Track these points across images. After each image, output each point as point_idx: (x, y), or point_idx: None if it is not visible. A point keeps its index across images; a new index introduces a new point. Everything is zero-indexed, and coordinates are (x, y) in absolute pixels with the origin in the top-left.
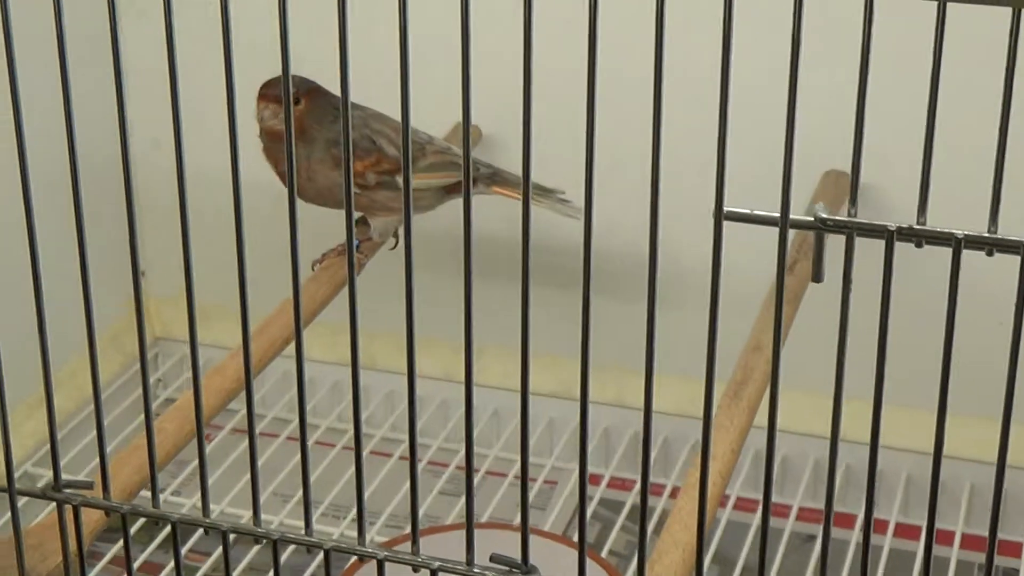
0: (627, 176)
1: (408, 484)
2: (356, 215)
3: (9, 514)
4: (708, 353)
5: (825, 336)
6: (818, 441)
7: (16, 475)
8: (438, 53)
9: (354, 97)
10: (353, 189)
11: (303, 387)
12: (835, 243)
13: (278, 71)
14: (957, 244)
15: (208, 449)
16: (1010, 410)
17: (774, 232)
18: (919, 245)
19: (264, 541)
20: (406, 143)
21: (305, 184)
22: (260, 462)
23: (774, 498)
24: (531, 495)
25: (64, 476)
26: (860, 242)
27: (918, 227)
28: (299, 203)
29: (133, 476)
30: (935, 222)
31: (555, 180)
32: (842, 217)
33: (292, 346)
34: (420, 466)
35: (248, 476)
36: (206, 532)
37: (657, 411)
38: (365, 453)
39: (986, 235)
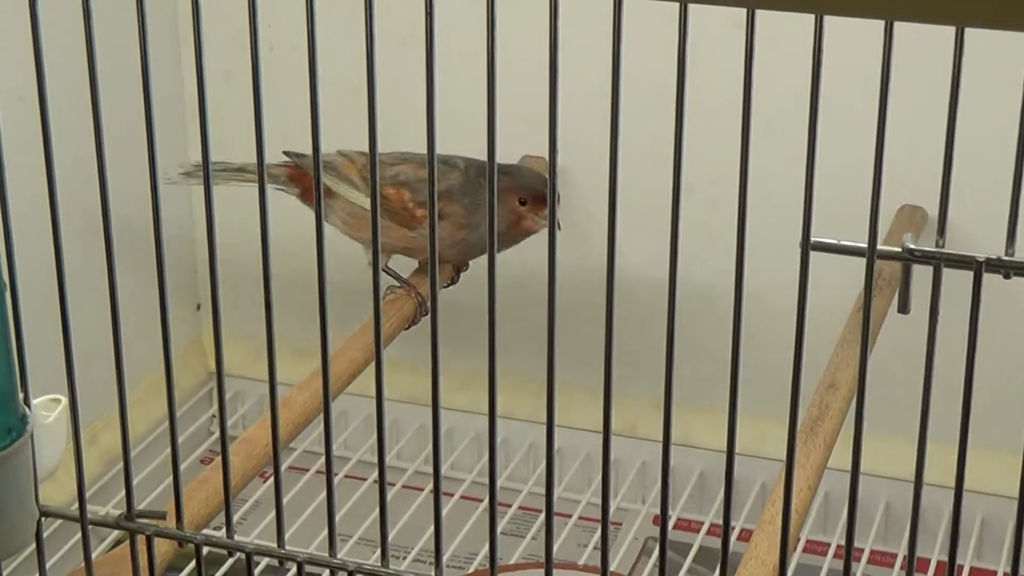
0: (690, 203)
1: (486, 525)
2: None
3: (74, 543)
4: (792, 388)
5: (900, 374)
6: (890, 483)
7: (72, 507)
8: (506, 79)
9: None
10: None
11: (383, 424)
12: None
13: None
14: None
15: (265, 487)
16: None
17: (839, 267)
18: (1007, 276)
19: (340, 574)
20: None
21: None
22: (316, 500)
23: (873, 546)
24: (593, 537)
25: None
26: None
27: (1007, 258)
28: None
29: (201, 509)
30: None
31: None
32: (930, 248)
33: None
34: (452, 500)
35: (306, 513)
36: (281, 563)
37: (724, 451)
38: (397, 487)
39: None
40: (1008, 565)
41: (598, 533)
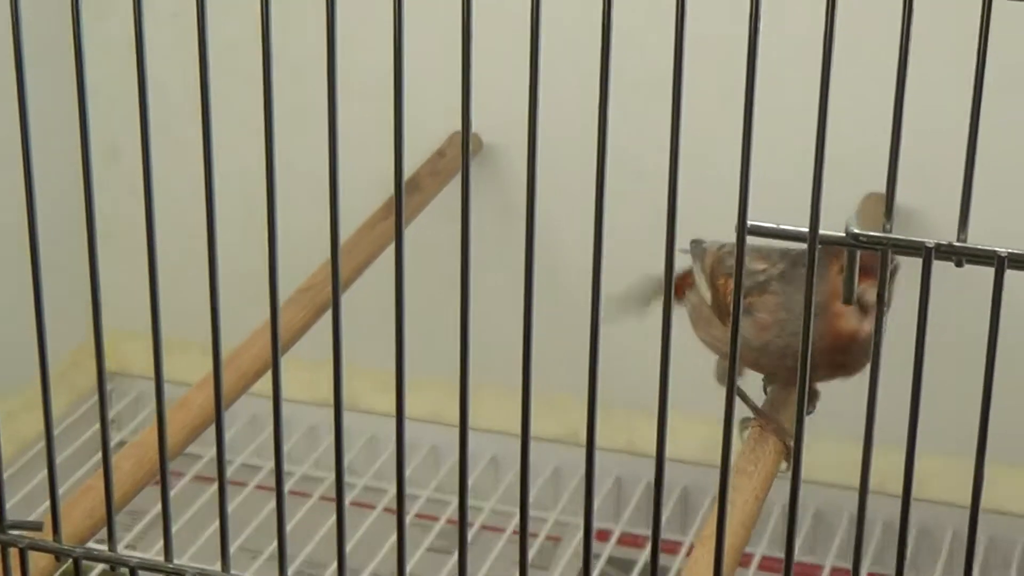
0: (645, 194)
1: (394, 538)
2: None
3: None
4: (728, 387)
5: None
6: (855, 494)
7: None
8: (436, 56)
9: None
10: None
11: (280, 427)
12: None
13: (250, 77)
14: (1000, 263)
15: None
16: None
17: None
18: (959, 264)
19: None
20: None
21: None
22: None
23: (804, 557)
24: (532, 552)
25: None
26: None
27: (958, 244)
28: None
29: (85, 520)
30: (978, 240)
31: (564, 196)
32: (876, 232)
33: (263, 384)
34: (407, 519)
35: (213, 527)
36: None
37: (673, 458)
38: (346, 504)
39: None
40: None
41: (534, 549)
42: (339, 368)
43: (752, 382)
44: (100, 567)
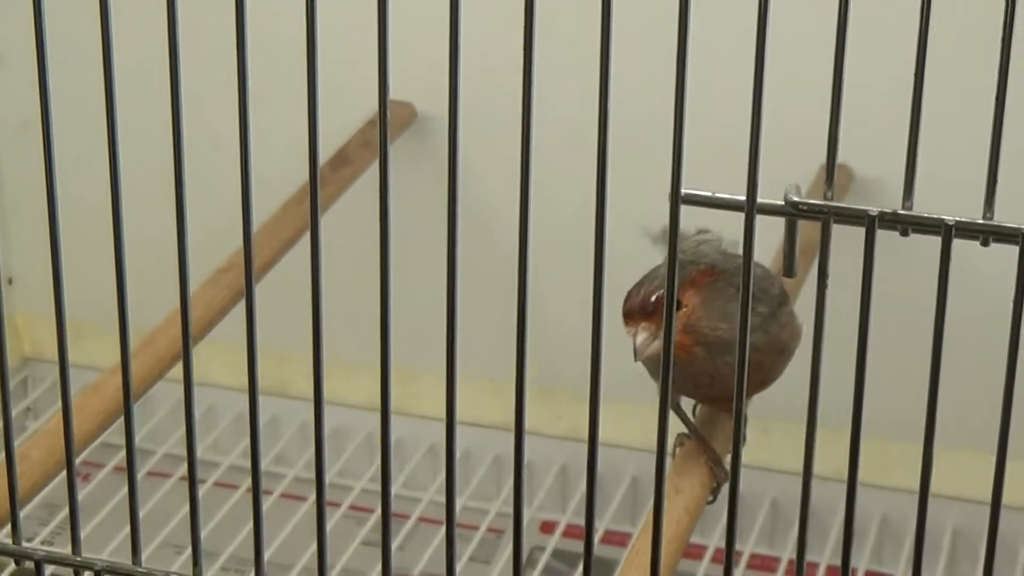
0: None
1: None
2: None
3: None
4: (663, 368)
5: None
6: (818, 483)
7: None
8: (370, 21)
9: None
10: None
11: (192, 415)
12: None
13: (162, 45)
14: (947, 232)
15: (84, 492)
16: (1006, 438)
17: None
18: (905, 233)
19: None
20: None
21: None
22: (147, 506)
23: (760, 549)
24: (472, 546)
25: None
26: (845, 237)
27: (903, 212)
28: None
29: None
30: (924, 208)
31: (497, 166)
32: (817, 200)
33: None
34: (340, 511)
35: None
36: (77, 573)
37: (621, 445)
38: (274, 496)
39: (980, 222)
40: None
41: (474, 542)
42: (253, 350)
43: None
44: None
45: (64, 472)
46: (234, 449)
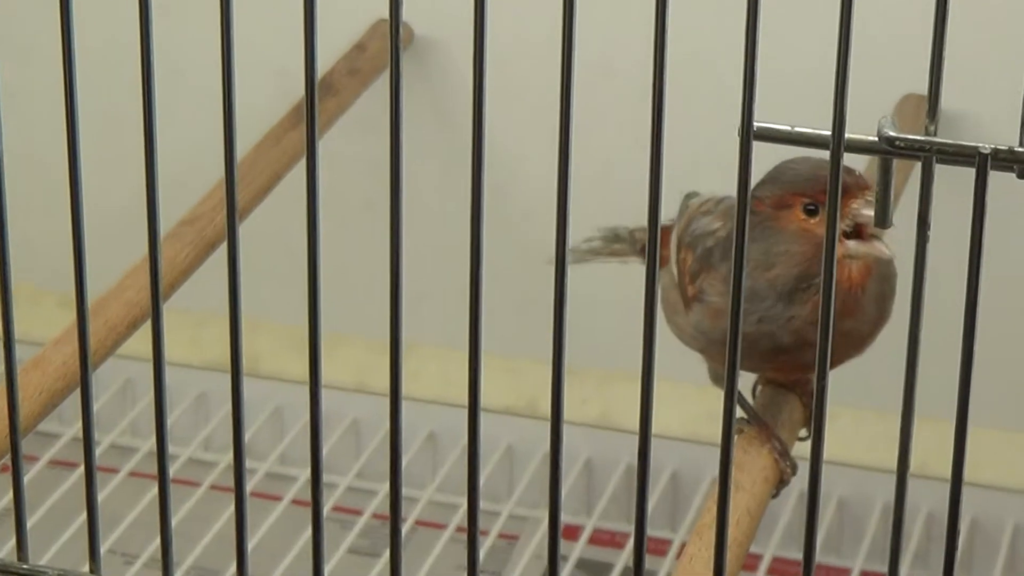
0: (623, 105)
1: (306, 536)
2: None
3: None
4: (730, 339)
5: (890, 327)
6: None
7: None
8: None
9: None
10: None
11: (163, 400)
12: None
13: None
14: None
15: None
16: None
17: None
18: (1021, 175)
19: None
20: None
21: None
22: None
23: (825, 558)
24: (482, 554)
25: None
26: (944, 177)
27: (1020, 149)
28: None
29: None
30: None
31: (514, 104)
32: (917, 136)
33: (138, 343)
34: (323, 512)
35: (80, 522)
36: None
37: (659, 435)
38: (246, 493)
39: None
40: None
41: (483, 551)
42: (237, 320)
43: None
44: None
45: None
46: (194, 439)
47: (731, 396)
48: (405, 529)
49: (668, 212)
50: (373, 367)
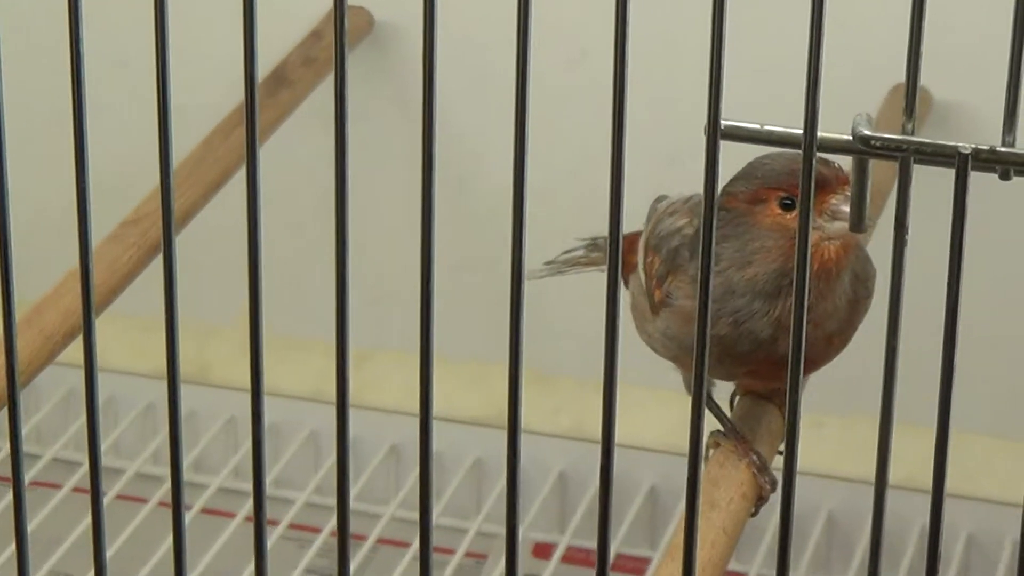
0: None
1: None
2: None
3: None
4: (698, 335)
5: (874, 331)
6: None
7: None
8: None
9: None
10: None
11: (96, 411)
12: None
13: None
14: None
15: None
16: None
17: None
18: (1005, 176)
19: None
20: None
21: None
22: (31, 526)
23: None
24: (447, 575)
25: None
26: (925, 179)
27: (1003, 150)
28: None
29: None
30: None
31: (476, 95)
32: (894, 135)
33: (77, 351)
34: (278, 530)
35: (9, 551)
36: None
37: (638, 446)
38: (194, 511)
39: None
40: None
41: (448, 571)
42: (173, 323)
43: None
44: None
45: None
46: (141, 452)
47: (699, 403)
48: (366, 548)
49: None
50: (333, 375)
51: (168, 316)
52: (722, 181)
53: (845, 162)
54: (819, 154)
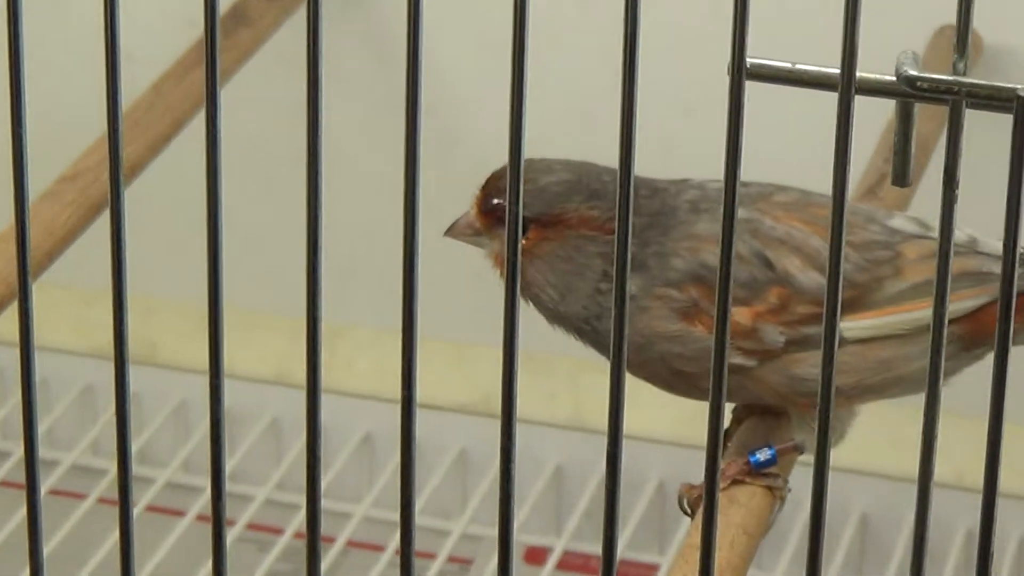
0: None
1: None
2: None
3: None
4: (717, 321)
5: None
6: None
7: None
8: None
9: None
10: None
11: (33, 395)
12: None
13: None
14: None
15: None
16: None
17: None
18: None
19: None
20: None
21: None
22: None
23: None
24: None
25: None
26: (977, 123)
27: None
28: None
29: None
30: None
31: (460, 25)
32: (944, 76)
33: (8, 324)
34: (235, 530)
35: None
36: None
37: (639, 436)
38: (138, 509)
39: None
40: None
41: None
42: (121, 294)
43: None
44: None
45: None
46: (79, 442)
47: (719, 376)
48: (335, 551)
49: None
50: (298, 354)
51: (116, 286)
52: (747, 129)
53: (887, 106)
54: None
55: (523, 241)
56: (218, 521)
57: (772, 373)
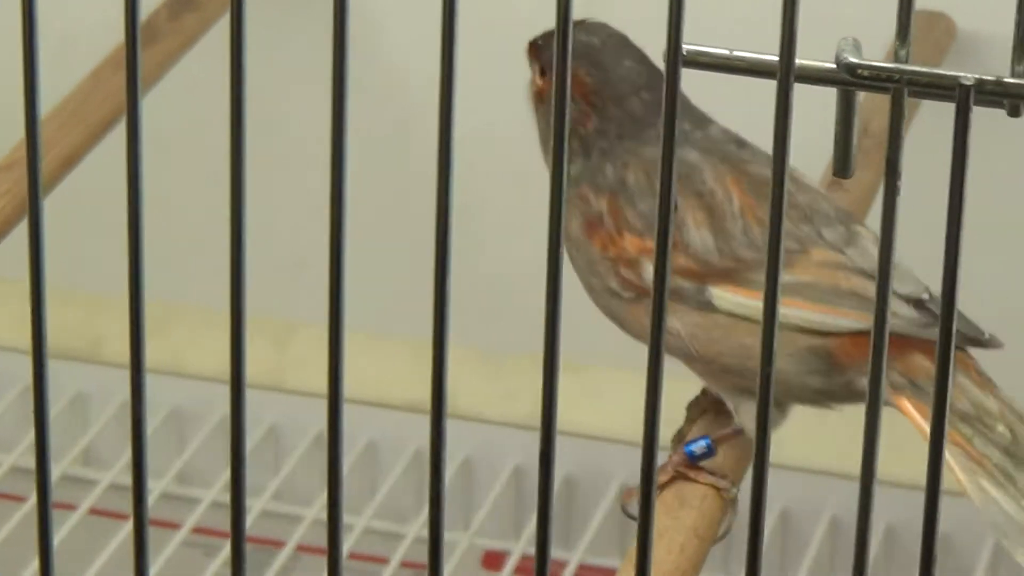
0: None
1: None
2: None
3: None
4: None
5: None
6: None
7: None
8: None
9: None
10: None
11: None
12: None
13: None
14: None
15: None
16: None
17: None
18: (1014, 112)
19: None
20: None
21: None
22: None
23: None
24: None
25: None
26: (928, 113)
27: (1012, 80)
28: None
29: None
30: None
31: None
32: (885, 63)
33: None
34: (179, 536)
35: None
36: None
37: (601, 436)
38: (80, 512)
39: None
40: None
41: None
42: (40, 289)
43: None
44: None
45: None
46: (20, 442)
47: (656, 362)
48: (284, 556)
49: None
50: (250, 352)
51: (34, 283)
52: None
53: (829, 95)
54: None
55: (540, 82)
56: (140, 524)
57: (643, 316)
